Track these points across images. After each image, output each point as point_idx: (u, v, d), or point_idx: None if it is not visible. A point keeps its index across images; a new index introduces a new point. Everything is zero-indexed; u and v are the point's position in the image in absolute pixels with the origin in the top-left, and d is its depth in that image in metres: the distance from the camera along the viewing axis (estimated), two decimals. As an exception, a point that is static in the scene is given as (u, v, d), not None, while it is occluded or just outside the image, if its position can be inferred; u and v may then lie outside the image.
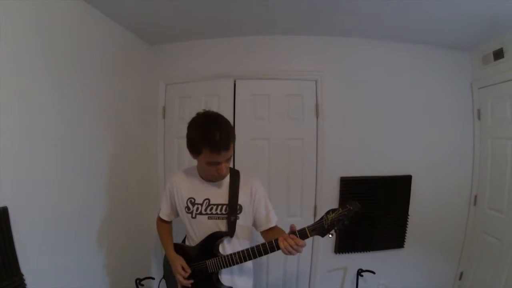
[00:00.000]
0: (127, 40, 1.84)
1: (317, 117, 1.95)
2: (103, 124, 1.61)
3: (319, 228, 0.96)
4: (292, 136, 1.95)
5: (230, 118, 1.90)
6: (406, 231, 2.05)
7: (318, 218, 1.93)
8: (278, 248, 0.99)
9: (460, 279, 2.10)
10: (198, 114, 1.05)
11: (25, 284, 1.09)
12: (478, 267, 1.97)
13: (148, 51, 2.07)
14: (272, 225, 1.16)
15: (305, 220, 1.99)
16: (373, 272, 1.95)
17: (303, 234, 0.97)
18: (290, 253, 0.97)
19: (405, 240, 2.06)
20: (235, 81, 1.95)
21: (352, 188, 1.97)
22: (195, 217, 1.13)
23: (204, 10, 1.60)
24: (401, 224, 2.04)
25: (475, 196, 2.04)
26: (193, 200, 1.13)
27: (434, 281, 2.12)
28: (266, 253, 1.01)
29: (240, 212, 1.12)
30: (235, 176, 1.15)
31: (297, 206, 1.99)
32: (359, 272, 1.99)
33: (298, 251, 0.97)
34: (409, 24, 1.73)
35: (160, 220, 1.28)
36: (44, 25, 1.20)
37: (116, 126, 1.72)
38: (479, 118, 2.02)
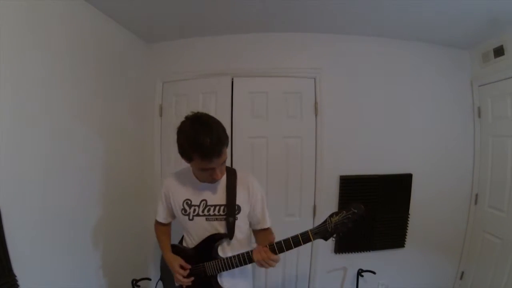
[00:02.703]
0: (123, 37, 1.81)
1: (316, 115, 1.92)
2: (98, 123, 1.57)
3: (322, 232, 0.94)
4: (290, 134, 1.92)
5: (227, 116, 1.90)
6: (407, 231, 2.03)
7: (317, 218, 1.96)
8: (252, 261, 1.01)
9: (461, 278, 2.08)
10: (187, 118, 0.98)
11: (18, 285, 1.06)
12: (479, 266, 1.95)
13: (145, 49, 2.04)
14: (266, 226, 1.14)
15: (303, 220, 1.97)
16: (374, 272, 1.92)
17: (305, 237, 0.95)
18: (262, 266, 0.98)
19: (406, 239, 2.04)
20: (232, 79, 1.93)
21: (352, 187, 1.94)
22: (192, 219, 1.10)
23: (201, 8, 1.58)
24: (402, 224, 2.02)
25: (476, 195, 2.02)
26: (189, 202, 1.10)
27: (435, 281, 2.10)
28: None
29: (239, 212, 1.09)
30: (231, 175, 1.12)
31: (296, 205, 1.97)
32: (360, 272, 1.96)
33: (270, 265, 0.97)
34: (408, 21, 1.71)
35: (157, 223, 1.25)
36: (39, 21, 1.18)
37: (111, 125, 1.69)
38: (479, 116, 2.00)
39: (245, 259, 1.02)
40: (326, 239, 0.95)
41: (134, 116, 1.92)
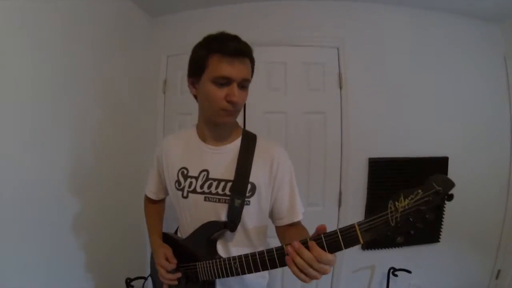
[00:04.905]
0: (126, 8, 1.64)
1: (340, 88, 1.71)
2: (94, 102, 1.37)
3: (380, 227, 0.51)
4: (312, 109, 1.70)
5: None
6: (442, 223, 1.79)
7: (343, 208, 1.71)
8: (284, 264, 0.60)
9: (497, 278, 1.85)
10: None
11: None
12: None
13: (148, 21, 1.86)
14: (297, 219, 0.81)
15: (328, 211, 1.72)
16: (409, 271, 1.66)
17: (350, 236, 0.53)
18: (308, 276, 0.55)
19: (441, 233, 1.79)
20: (246, 48, 1.73)
21: (382, 171, 1.70)
22: (186, 196, 0.80)
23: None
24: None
25: (515, 182, 1.82)
26: (185, 172, 0.81)
27: (468, 280, 1.86)
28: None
29: (253, 194, 0.77)
30: (249, 140, 0.81)
31: (319, 192, 1.72)
32: (392, 271, 1.70)
33: (322, 271, 0.54)
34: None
35: (147, 199, 0.99)
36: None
37: (109, 104, 1.48)
38: (516, 94, 1.83)
39: (256, 263, 0.64)
40: (386, 239, 0.52)
41: (134, 93, 1.71)
